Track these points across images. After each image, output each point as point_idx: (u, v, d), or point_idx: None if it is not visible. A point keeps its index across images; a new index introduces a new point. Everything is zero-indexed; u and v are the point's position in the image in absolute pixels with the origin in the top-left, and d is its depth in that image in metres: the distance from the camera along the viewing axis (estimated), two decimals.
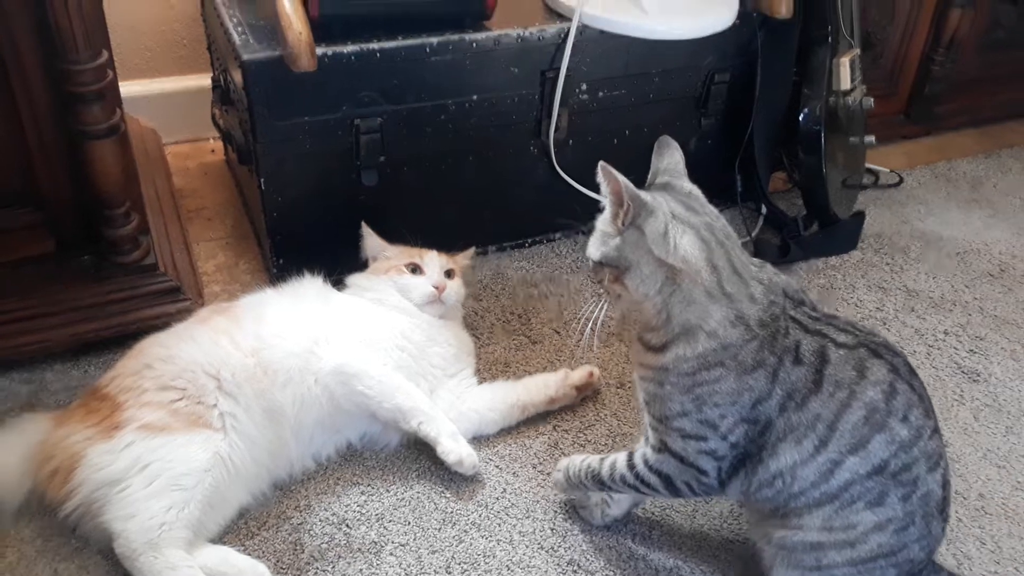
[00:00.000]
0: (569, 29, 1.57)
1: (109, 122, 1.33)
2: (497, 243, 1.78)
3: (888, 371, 1.03)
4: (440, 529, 1.24)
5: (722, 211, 1.91)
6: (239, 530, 1.22)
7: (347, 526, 1.24)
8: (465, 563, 1.20)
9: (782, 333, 1.03)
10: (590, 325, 1.11)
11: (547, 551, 1.22)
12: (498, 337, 1.57)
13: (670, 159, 1.11)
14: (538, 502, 1.29)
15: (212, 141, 2.03)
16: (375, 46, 1.46)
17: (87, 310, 1.42)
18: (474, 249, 1.60)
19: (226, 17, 1.52)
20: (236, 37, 1.46)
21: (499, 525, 1.25)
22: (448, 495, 1.29)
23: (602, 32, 1.61)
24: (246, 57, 1.41)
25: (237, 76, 1.47)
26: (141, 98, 1.94)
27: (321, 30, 1.41)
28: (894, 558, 1.04)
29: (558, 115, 1.64)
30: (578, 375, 1.43)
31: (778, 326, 1.03)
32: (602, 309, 1.10)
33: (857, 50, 1.80)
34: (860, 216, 1.89)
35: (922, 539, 1.05)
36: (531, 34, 1.56)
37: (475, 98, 1.58)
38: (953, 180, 2.15)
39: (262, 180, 1.51)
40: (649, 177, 1.11)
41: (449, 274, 1.47)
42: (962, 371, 1.58)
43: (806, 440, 1.02)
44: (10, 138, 1.32)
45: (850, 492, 1.02)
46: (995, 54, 2.28)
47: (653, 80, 1.71)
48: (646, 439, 1.15)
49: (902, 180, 2.11)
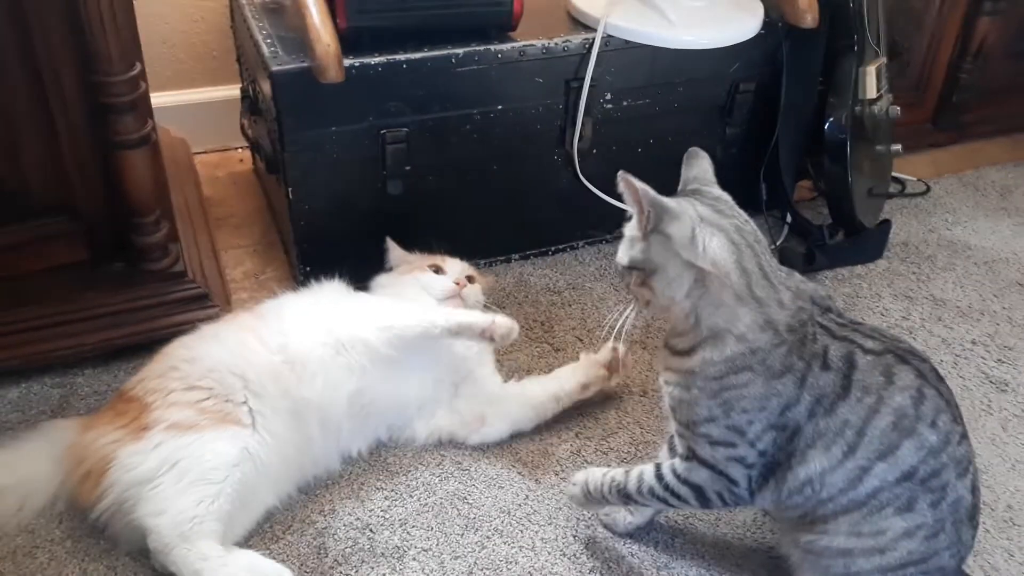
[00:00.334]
0: (594, 39, 1.58)
1: (141, 132, 1.36)
2: (520, 251, 1.79)
3: (916, 376, 1.03)
4: (463, 535, 1.25)
5: None
6: (264, 534, 1.23)
7: (371, 531, 1.25)
8: (487, 569, 1.20)
9: (810, 338, 1.03)
10: (615, 332, 1.11)
11: (569, 558, 1.22)
12: (521, 345, 1.58)
13: (699, 168, 1.11)
14: (560, 509, 1.29)
15: (240, 151, 2.06)
16: (401, 57, 1.48)
17: (118, 316, 1.45)
18: (495, 277, 1.65)
19: (255, 29, 1.55)
20: (265, 49, 1.48)
21: (521, 532, 1.26)
22: (471, 501, 1.30)
23: (627, 42, 1.62)
24: (275, 68, 1.43)
25: (266, 87, 1.49)
26: (172, 108, 1.97)
27: (348, 42, 1.43)
28: (924, 565, 1.03)
29: (582, 124, 1.65)
30: (603, 354, 1.44)
31: (806, 331, 1.03)
32: (628, 316, 1.11)
33: (883, 59, 1.79)
34: (886, 225, 1.88)
35: (952, 546, 1.04)
36: (556, 44, 1.58)
37: (500, 108, 1.59)
38: (981, 189, 2.13)
39: (289, 189, 1.53)
40: (679, 187, 1.11)
41: (470, 279, 1.49)
42: (990, 381, 1.57)
43: (835, 446, 1.02)
44: (46, 149, 1.35)
45: (879, 498, 1.02)
46: (1023, 63, 2.26)
47: (678, 89, 1.72)
48: (671, 449, 1.15)
49: (929, 189, 2.10)
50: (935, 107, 2.24)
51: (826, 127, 1.77)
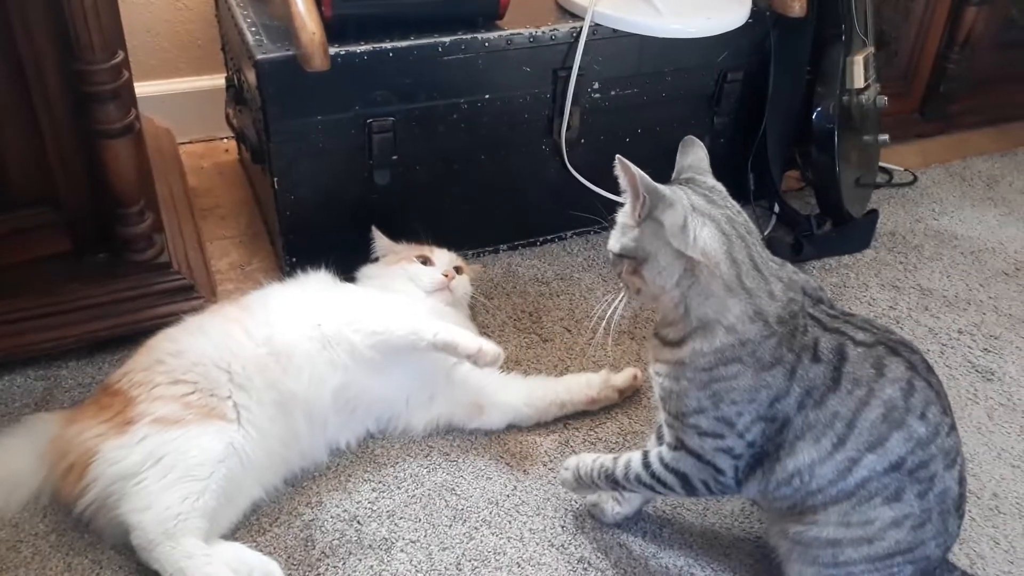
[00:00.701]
0: (581, 28, 1.58)
1: (124, 121, 1.35)
2: (509, 241, 1.78)
3: (906, 368, 1.03)
4: (451, 526, 1.24)
5: None
6: (251, 526, 1.22)
7: (358, 523, 1.24)
8: (475, 560, 1.20)
9: (800, 330, 1.03)
10: (604, 323, 1.11)
11: (557, 549, 1.22)
12: (509, 335, 1.57)
13: (694, 156, 1.11)
14: (548, 500, 1.29)
15: (226, 140, 2.04)
16: (388, 46, 1.47)
17: (102, 308, 1.44)
18: (482, 267, 1.64)
19: (240, 18, 1.53)
20: (250, 37, 1.47)
21: (509, 522, 1.26)
22: (459, 492, 1.29)
23: (615, 31, 1.61)
24: (259, 57, 1.42)
25: (251, 76, 1.48)
26: (156, 98, 1.95)
27: (334, 30, 1.42)
28: (910, 555, 1.04)
29: (570, 114, 1.64)
30: (622, 378, 1.42)
31: (797, 323, 1.03)
32: (616, 307, 1.10)
33: (871, 48, 1.79)
34: (874, 215, 1.88)
35: (938, 536, 1.05)
36: (543, 33, 1.57)
37: (487, 97, 1.58)
38: (968, 179, 2.14)
39: (275, 179, 1.52)
40: (673, 175, 1.11)
41: (458, 270, 1.48)
42: (976, 370, 1.57)
43: (824, 438, 1.02)
44: (27, 138, 1.34)
45: (868, 488, 1.02)
46: (1011, 52, 2.26)
47: (666, 79, 1.71)
48: (660, 437, 1.15)
49: (916, 179, 2.10)
50: (922, 97, 2.24)
51: (814, 117, 1.77)
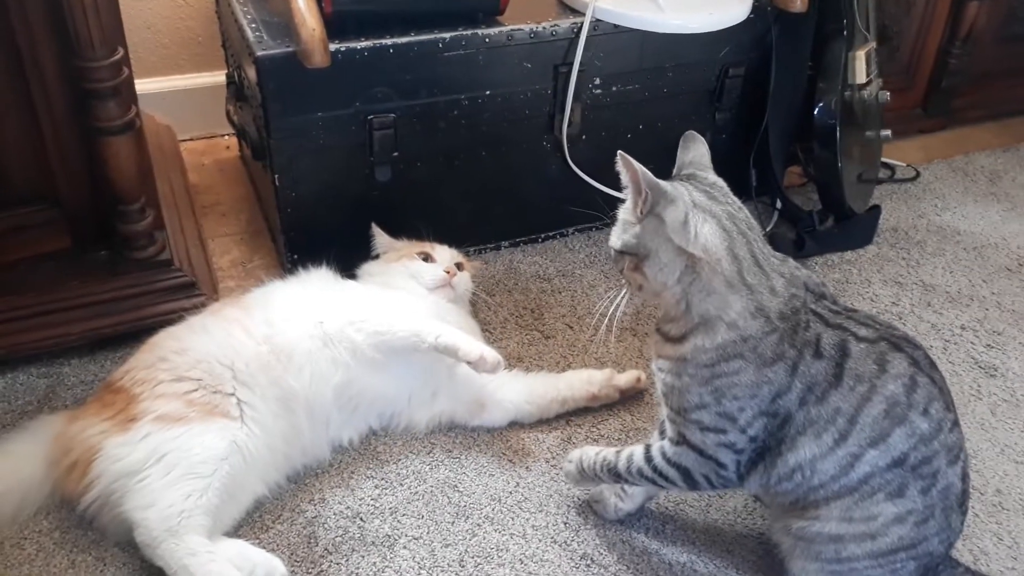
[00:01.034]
0: (582, 24, 1.57)
1: (124, 118, 1.34)
2: (510, 238, 1.78)
3: (909, 364, 1.03)
4: (453, 523, 1.24)
5: None
6: (254, 523, 1.22)
7: (361, 519, 1.24)
8: (478, 557, 1.20)
9: (803, 326, 1.03)
10: (607, 319, 1.11)
11: (560, 545, 1.22)
12: (511, 332, 1.57)
13: (695, 152, 1.11)
14: (551, 496, 1.29)
15: (227, 137, 2.04)
16: (388, 42, 1.47)
17: (103, 305, 1.43)
18: (484, 263, 1.64)
19: (240, 14, 1.53)
20: (250, 34, 1.46)
21: (512, 519, 1.25)
22: (461, 489, 1.29)
23: (616, 26, 1.61)
24: (260, 53, 1.41)
25: (251, 72, 1.48)
26: (156, 95, 1.95)
27: (334, 26, 1.42)
28: (913, 551, 1.04)
29: (571, 110, 1.63)
30: (625, 379, 1.42)
31: (799, 319, 1.03)
32: (618, 304, 1.10)
33: (873, 43, 1.78)
34: (876, 210, 1.88)
35: (941, 532, 1.05)
36: (544, 29, 1.56)
37: (488, 93, 1.58)
38: (970, 174, 2.13)
39: (276, 176, 1.52)
40: (675, 170, 1.11)
41: (459, 267, 1.48)
42: (979, 366, 1.57)
43: (826, 434, 1.02)
44: (27, 135, 1.33)
45: (870, 484, 1.02)
46: (1013, 47, 2.26)
47: (667, 74, 1.71)
48: (662, 432, 1.15)
49: (918, 174, 2.10)
50: (925, 92, 2.24)
51: (815, 112, 1.76)
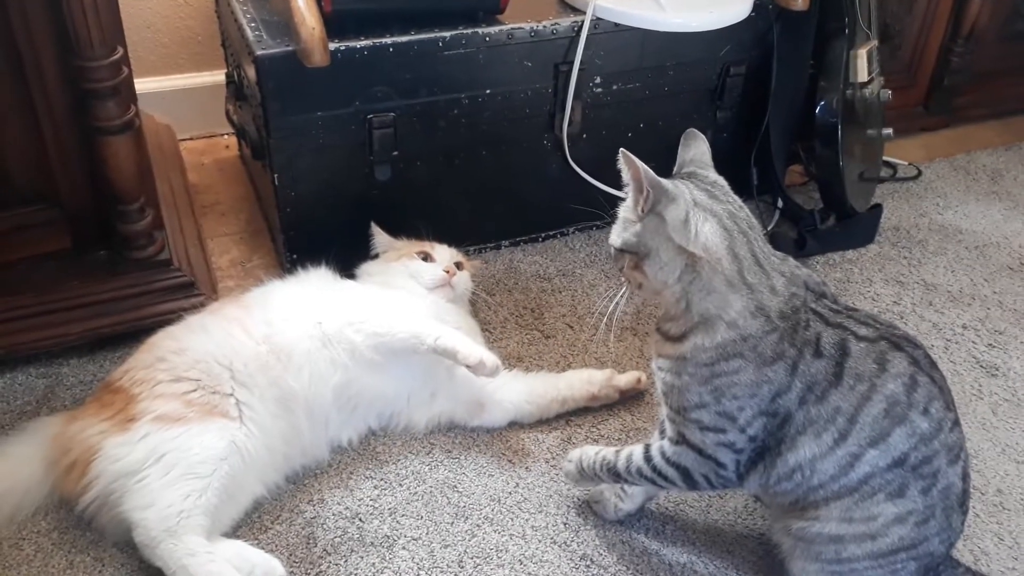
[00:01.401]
0: (583, 22, 1.57)
1: (124, 118, 1.34)
2: (510, 237, 1.77)
3: (909, 364, 1.02)
4: (452, 523, 1.24)
5: None
6: (253, 524, 1.22)
7: (360, 520, 1.24)
8: (478, 557, 1.20)
9: (803, 325, 1.02)
10: (606, 318, 1.11)
11: (560, 546, 1.22)
12: (511, 332, 1.57)
13: (696, 150, 1.10)
14: (551, 497, 1.29)
15: (226, 137, 2.04)
16: (388, 41, 1.46)
17: (102, 305, 1.43)
18: (483, 262, 1.64)
19: (240, 13, 1.53)
20: (250, 33, 1.46)
21: (512, 520, 1.25)
22: (460, 489, 1.29)
23: (616, 25, 1.60)
24: (259, 52, 1.41)
25: (250, 72, 1.47)
26: (156, 94, 1.95)
27: (334, 25, 1.41)
28: (914, 551, 1.03)
29: (572, 109, 1.63)
30: (625, 379, 1.42)
31: (799, 318, 1.02)
32: (618, 302, 1.10)
33: (875, 42, 1.78)
34: (878, 209, 1.87)
35: (942, 532, 1.04)
36: (544, 27, 1.56)
37: (488, 92, 1.57)
38: (972, 173, 2.12)
39: (275, 175, 1.52)
40: (675, 168, 1.10)
41: (459, 266, 1.47)
42: (980, 365, 1.57)
43: (826, 433, 1.02)
44: (27, 135, 1.33)
45: (870, 484, 1.02)
46: (1015, 45, 2.25)
47: (668, 73, 1.70)
48: (662, 431, 1.15)
49: (920, 173, 2.09)
50: (926, 90, 2.23)
51: (817, 111, 1.76)
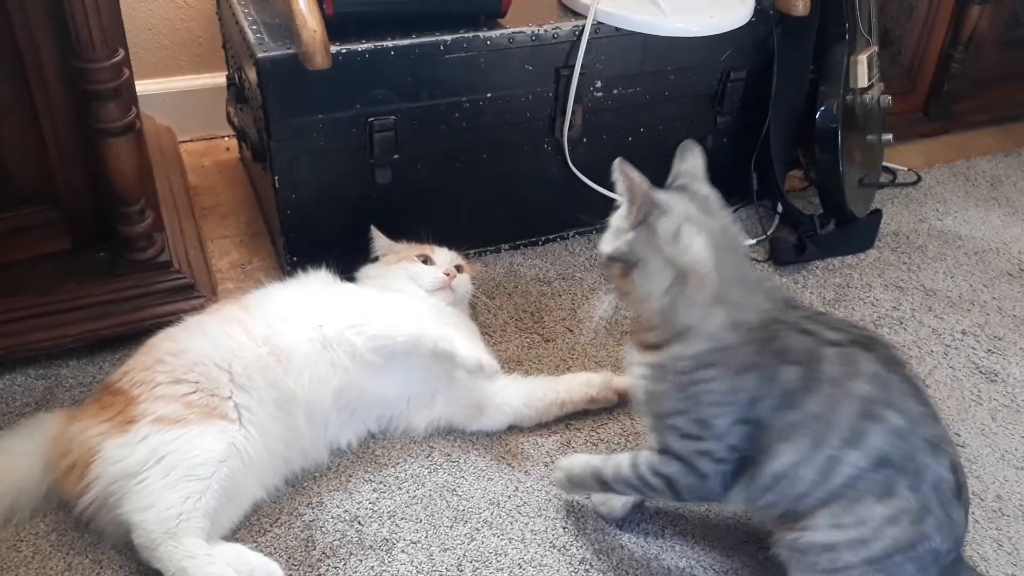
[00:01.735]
0: (584, 26, 1.57)
1: (125, 120, 1.34)
2: (510, 241, 1.77)
3: (879, 363, 1.04)
4: (452, 527, 1.24)
5: (738, 209, 1.93)
6: (251, 527, 1.22)
7: (359, 523, 1.24)
8: (477, 561, 1.20)
9: (775, 335, 1.04)
10: (594, 323, 1.12)
11: (559, 550, 1.22)
12: (511, 335, 1.57)
13: (692, 162, 1.11)
14: (550, 500, 1.28)
15: (227, 139, 2.04)
16: (389, 44, 1.46)
17: (102, 307, 1.43)
18: (483, 266, 1.64)
19: (241, 16, 1.53)
20: (251, 35, 1.46)
21: (511, 523, 1.25)
22: (460, 493, 1.29)
23: (617, 29, 1.61)
24: (260, 55, 1.41)
25: (252, 74, 1.48)
26: (157, 96, 1.95)
27: (335, 28, 1.41)
28: (913, 552, 1.03)
29: (572, 113, 1.63)
30: (623, 381, 1.41)
31: (772, 329, 1.04)
32: (606, 309, 1.12)
33: (875, 47, 1.78)
34: (877, 215, 1.87)
35: (943, 528, 1.04)
36: (546, 32, 1.56)
37: (489, 96, 1.58)
38: (972, 179, 2.13)
39: (276, 178, 1.52)
40: (669, 179, 1.11)
41: (459, 269, 1.47)
42: (980, 371, 1.57)
43: (803, 439, 1.03)
44: (27, 136, 1.33)
45: (856, 487, 1.02)
46: (1015, 51, 2.25)
47: (669, 77, 1.70)
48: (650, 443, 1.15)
49: (920, 178, 2.09)
50: (926, 96, 2.24)
51: (817, 116, 1.76)
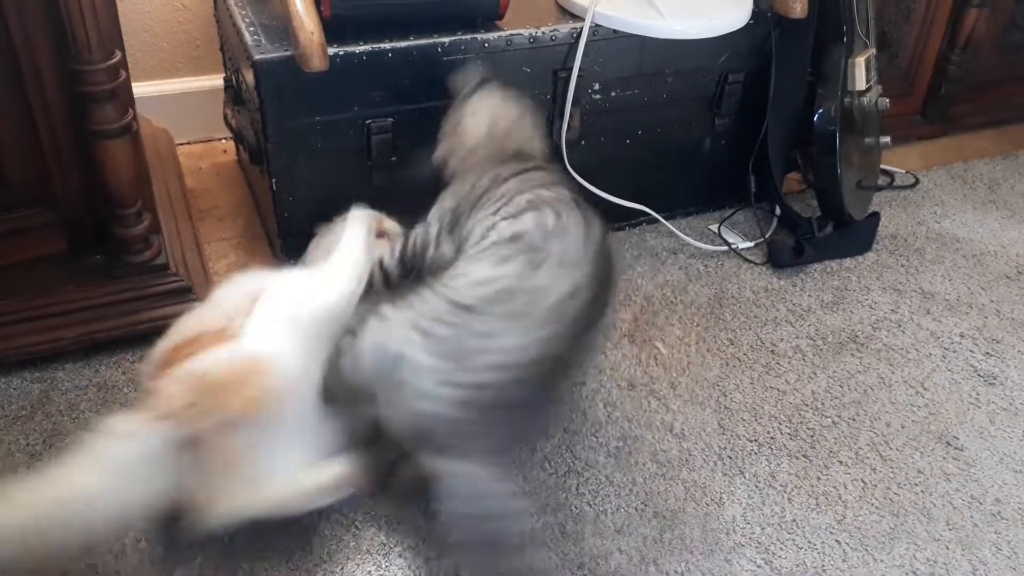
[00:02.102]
0: (582, 29, 1.57)
1: (121, 122, 1.33)
2: None
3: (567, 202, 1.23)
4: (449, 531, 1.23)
5: (736, 212, 1.92)
6: (249, 529, 1.21)
7: (356, 528, 1.23)
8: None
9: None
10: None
11: (558, 555, 1.21)
12: None
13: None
14: (547, 504, 1.28)
15: (224, 141, 2.03)
16: (387, 46, 1.46)
17: (98, 310, 1.42)
18: None
19: (238, 17, 1.52)
20: (248, 37, 1.46)
21: None
22: None
23: (615, 32, 1.61)
24: (258, 57, 1.41)
25: (249, 76, 1.47)
26: (154, 98, 1.94)
27: (333, 30, 1.41)
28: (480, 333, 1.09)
29: (570, 115, 1.63)
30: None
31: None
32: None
33: (872, 50, 1.78)
34: (875, 217, 1.87)
35: (516, 331, 1.09)
36: (543, 34, 1.56)
37: None
38: (970, 181, 2.13)
39: (273, 180, 1.51)
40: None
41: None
42: (978, 374, 1.56)
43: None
44: (23, 138, 1.32)
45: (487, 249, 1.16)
46: (1012, 54, 2.25)
47: (667, 80, 1.70)
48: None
49: (918, 181, 2.09)
50: (924, 99, 2.23)
51: (815, 119, 1.76)
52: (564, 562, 1.20)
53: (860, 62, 1.74)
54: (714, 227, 1.85)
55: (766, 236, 1.83)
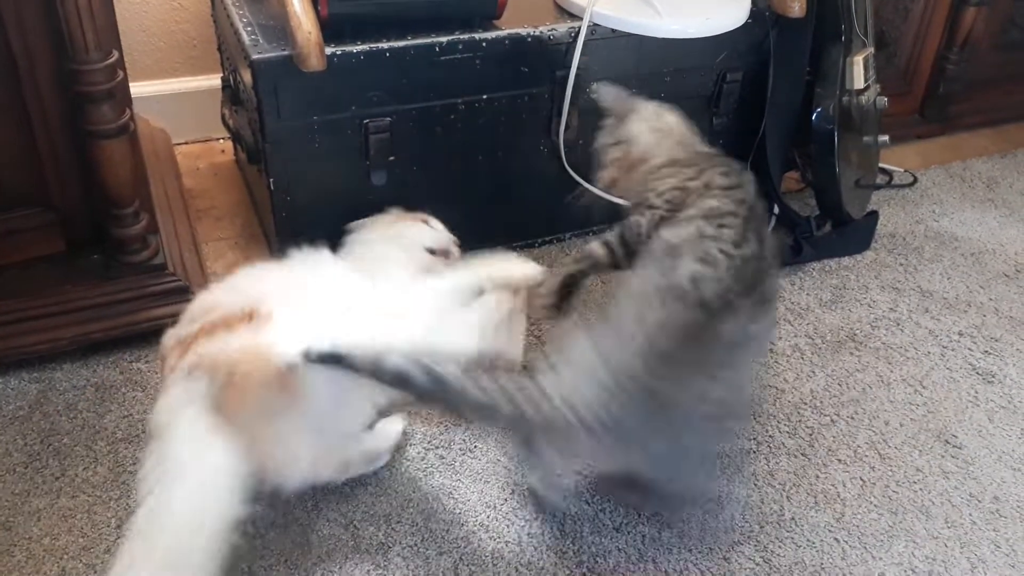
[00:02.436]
0: (580, 28, 1.57)
1: (119, 122, 1.33)
2: (506, 243, 1.76)
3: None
4: (448, 530, 1.23)
5: None
6: (247, 530, 1.21)
7: (354, 526, 1.23)
8: (473, 565, 1.19)
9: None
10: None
11: (556, 553, 1.21)
12: None
13: None
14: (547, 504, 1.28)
15: (222, 141, 2.03)
16: (384, 46, 1.46)
17: (96, 310, 1.42)
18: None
19: (236, 17, 1.52)
20: (246, 37, 1.46)
21: (508, 527, 1.24)
22: (456, 496, 1.28)
23: (613, 31, 1.61)
24: (255, 57, 1.41)
25: (246, 76, 1.47)
26: (151, 98, 1.94)
27: (330, 30, 1.41)
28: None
29: (568, 114, 1.63)
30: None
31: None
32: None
33: (871, 49, 1.78)
34: (873, 216, 1.87)
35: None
36: (541, 33, 1.56)
37: (485, 98, 1.57)
38: (968, 180, 2.13)
39: (271, 180, 1.51)
40: None
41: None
42: (977, 372, 1.56)
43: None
44: (20, 138, 1.32)
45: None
46: (1011, 53, 2.26)
47: (664, 79, 1.70)
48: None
49: (916, 180, 2.09)
50: (922, 98, 2.24)
51: (813, 118, 1.76)
52: (563, 560, 1.20)
53: (858, 61, 1.74)
54: None
55: None
